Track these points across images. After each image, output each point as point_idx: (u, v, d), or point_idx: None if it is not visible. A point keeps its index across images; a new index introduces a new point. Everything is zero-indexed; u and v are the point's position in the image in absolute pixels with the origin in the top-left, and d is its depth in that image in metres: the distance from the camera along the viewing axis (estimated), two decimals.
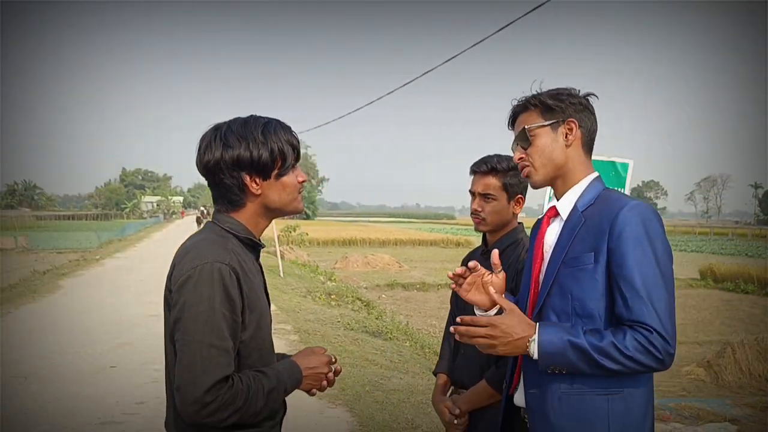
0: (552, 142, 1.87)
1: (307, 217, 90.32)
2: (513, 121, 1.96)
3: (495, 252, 2.03)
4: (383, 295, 17.42)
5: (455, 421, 2.42)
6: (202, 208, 72.29)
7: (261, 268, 1.88)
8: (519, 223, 2.58)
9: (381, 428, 5.15)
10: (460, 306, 2.68)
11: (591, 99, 1.93)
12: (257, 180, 1.72)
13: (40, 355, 7.52)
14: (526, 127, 1.89)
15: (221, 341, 1.57)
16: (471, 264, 2.00)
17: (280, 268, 18.06)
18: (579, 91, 1.92)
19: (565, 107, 1.86)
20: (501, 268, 2.02)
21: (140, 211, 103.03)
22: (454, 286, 2.04)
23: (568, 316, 1.75)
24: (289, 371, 1.75)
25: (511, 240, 2.50)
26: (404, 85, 13.20)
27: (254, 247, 1.81)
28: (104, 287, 14.14)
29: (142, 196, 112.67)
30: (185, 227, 50.92)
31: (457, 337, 1.80)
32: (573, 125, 1.86)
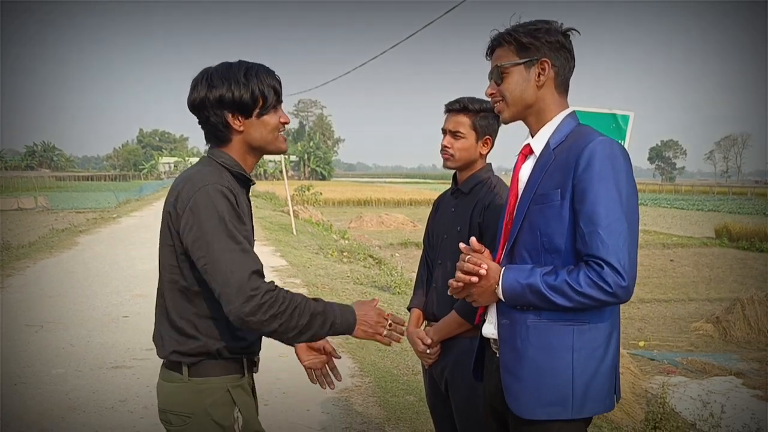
0: (523, 81, 1.86)
1: (323, 178, 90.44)
2: (491, 52, 1.95)
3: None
4: (396, 254, 17.52)
5: (428, 351, 2.51)
6: None
7: (250, 203, 2.01)
8: (488, 163, 2.64)
9: (382, 373, 5.28)
10: (431, 244, 2.75)
11: (572, 35, 1.89)
12: (240, 118, 1.86)
13: (55, 305, 7.74)
14: (499, 64, 1.89)
15: (240, 244, 1.72)
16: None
17: (293, 225, 18.21)
18: (561, 25, 1.88)
19: (540, 45, 1.84)
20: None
21: (158, 172, 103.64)
22: None
23: (538, 252, 1.81)
24: (341, 308, 1.84)
25: (479, 179, 2.58)
26: (410, 35, 13.00)
27: (245, 182, 1.95)
28: (120, 244, 14.39)
29: (160, 157, 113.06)
30: None
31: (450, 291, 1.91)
32: (546, 65, 1.84)
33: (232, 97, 1.82)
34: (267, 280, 1.73)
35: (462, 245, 1.95)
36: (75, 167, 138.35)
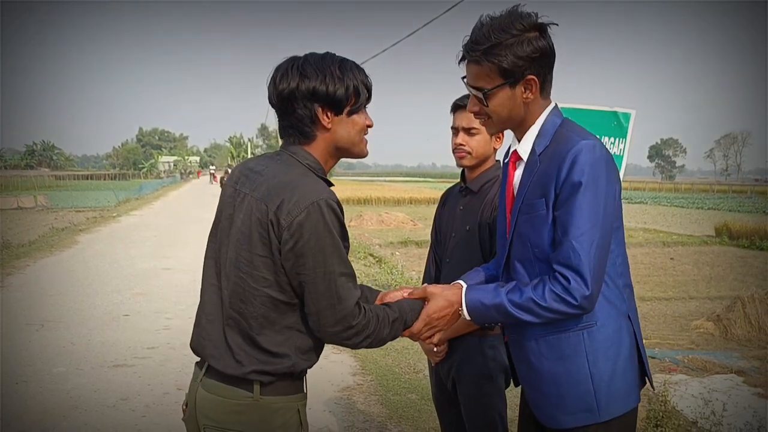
0: (509, 100, 1.77)
1: None
2: (463, 61, 1.82)
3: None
4: (396, 252, 17.49)
5: (435, 349, 2.49)
6: (212, 168, 72.78)
7: None
8: (497, 160, 2.60)
9: (383, 372, 5.27)
10: (439, 241, 2.73)
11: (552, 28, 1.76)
12: (329, 114, 1.75)
13: (55, 304, 7.73)
14: (483, 89, 1.77)
15: (349, 269, 1.70)
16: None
17: None
18: (536, 16, 1.71)
19: (522, 64, 1.71)
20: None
21: (157, 171, 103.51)
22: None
23: (531, 262, 1.79)
24: (410, 306, 1.88)
25: (489, 177, 2.54)
26: (411, 33, 13.01)
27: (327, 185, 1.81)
28: (120, 242, 14.39)
29: (159, 156, 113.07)
30: (201, 186, 51.34)
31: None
32: (533, 82, 1.75)
33: (326, 90, 1.71)
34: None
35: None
36: (74, 166, 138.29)
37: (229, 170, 59.81)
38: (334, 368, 5.36)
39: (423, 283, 2.76)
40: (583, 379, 1.74)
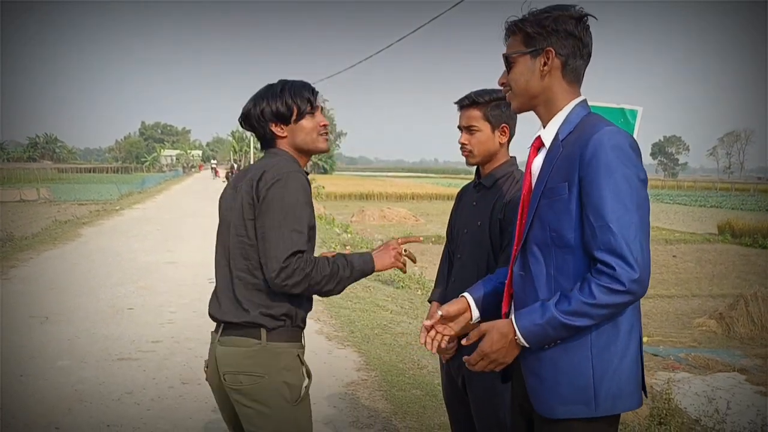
0: (528, 71, 1.83)
1: (325, 172, 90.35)
2: (506, 41, 1.92)
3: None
4: None
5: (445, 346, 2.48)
6: (214, 162, 73.08)
7: None
8: (512, 156, 2.60)
9: (387, 368, 5.27)
10: (452, 238, 2.72)
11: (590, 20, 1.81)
12: (281, 126, 2.23)
13: (59, 297, 7.74)
14: (505, 53, 1.87)
15: (301, 227, 2.05)
16: (440, 313, 2.00)
17: None
18: (580, 9, 1.80)
19: (545, 34, 1.78)
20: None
21: (160, 165, 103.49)
22: (429, 347, 2.05)
23: (548, 247, 1.77)
24: (359, 255, 2.22)
25: (503, 173, 2.53)
26: (415, 30, 12.96)
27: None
28: (123, 236, 14.39)
29: (162, 150, 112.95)
30: (204, 180, 51.35)
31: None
32: (550, 54, 1.79)
33: (270, 110, 2.20)
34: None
35: (427, 322, 2.00)
36: (77, 159, 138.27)
37: (234, 164, 60.10)
38: (338, 363, 5.36)
39: (436, 283, 2.76)
40: (585, 371, 1.72)
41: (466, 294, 2.04)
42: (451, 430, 2.78)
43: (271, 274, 2.01)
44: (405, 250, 2.29)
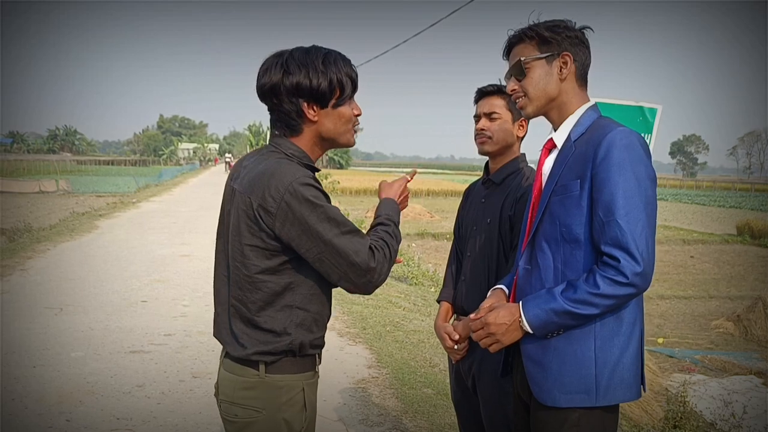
0: (546, 75, 1.89)
1: (341, 167, 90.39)
2: (508, 51, 1.99)
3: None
4: (413, 244, 17.48)
5: (455, 347, 2.46)
6: (228, 157, 73.94)
7: None
8: (522, 153, 2.58)
9: (399, 365, 5.24)
10: (461, 236, 2.70)
11: (587, 33, 1.94)
12: (315, 107, 1.80)
13: (74, 289, 7.80)
14: (521, 58, 1.91)
15: (344, 227, 1.73)
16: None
17: None
18: (575, 23, 1.93)
19: (561, 40, 1.88)
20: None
21: (177, 158, 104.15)
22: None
23: (557, 242, 1.83)
24: (389, 208, 2.00)
25: (513, 168, 2.52)
26: (432, 24, 12.88)
27: (311, 171, 1.88)
28: (139, 228, 14.48)
29: (179, 143, 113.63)
30: (220, 174, 51.63)
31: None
32: (568, 59, 1.88)
33: (309, 85, 1.76)
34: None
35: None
36: (96, 152, 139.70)
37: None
38: (350, 360, 5.34)
39: (445, 282, 2.74)
40: (588, 361, 1.77)
41: (500, 285, 2.09)
42: (459, 431, 2.75)
43: (359, 284, 1.76)
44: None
